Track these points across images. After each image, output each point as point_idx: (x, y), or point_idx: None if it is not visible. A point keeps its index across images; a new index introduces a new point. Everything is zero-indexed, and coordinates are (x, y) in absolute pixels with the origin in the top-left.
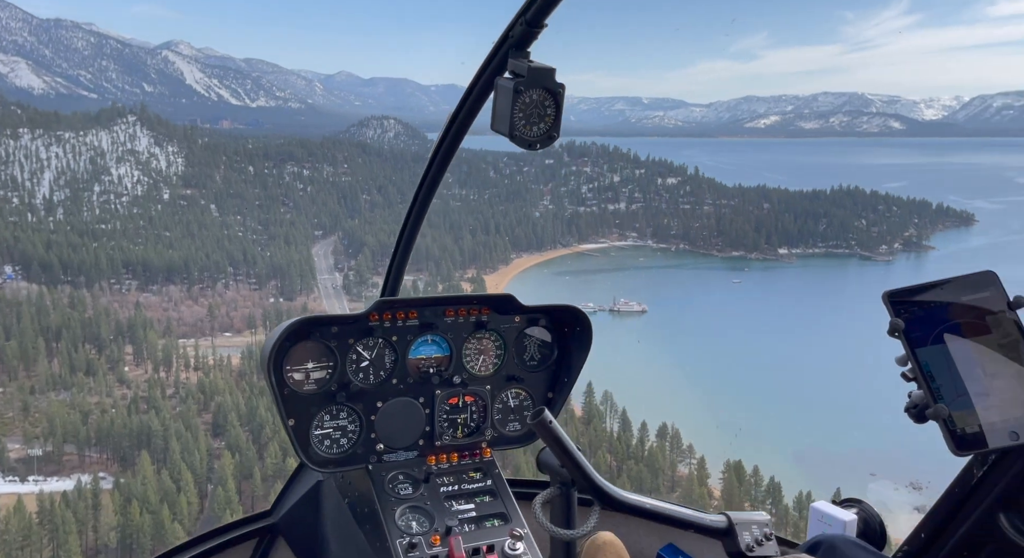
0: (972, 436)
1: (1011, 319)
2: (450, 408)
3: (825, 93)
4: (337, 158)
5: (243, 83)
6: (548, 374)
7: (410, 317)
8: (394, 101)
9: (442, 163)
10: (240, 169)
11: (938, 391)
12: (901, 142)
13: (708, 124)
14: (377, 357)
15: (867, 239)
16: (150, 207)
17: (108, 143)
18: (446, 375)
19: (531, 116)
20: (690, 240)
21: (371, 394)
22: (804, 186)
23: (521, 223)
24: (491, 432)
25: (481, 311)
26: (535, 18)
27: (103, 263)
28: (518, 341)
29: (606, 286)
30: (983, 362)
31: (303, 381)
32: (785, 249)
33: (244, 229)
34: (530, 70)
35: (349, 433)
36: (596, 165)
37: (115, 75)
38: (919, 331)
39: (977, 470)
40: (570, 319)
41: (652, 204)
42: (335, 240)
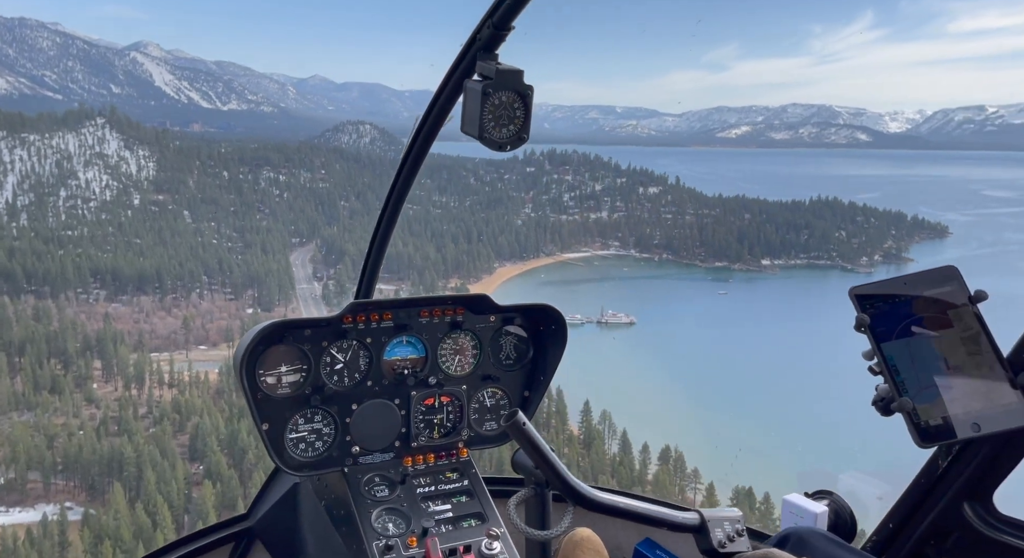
0: (936, 428)
1: (972, 312)
2: (426, 409)
3: (794, 104)
4: (314, 163)
5: (214, 86)
6: (524, 373)
7: (384, 318)
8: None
9: (413, 166)
10: (214, 174)
11: (903, 384)
12: (868, 154)
13: (680, 133)
14: (351, 359)
15: (848, 251)
16: (119, 213)
17: (75, 146)
18: (421, 376)
19: (500, 118)
20: (673, 250)
21: (346, 396)
22: (780, 196)
23: (504, 231)
24: (467, 432)
25: (456, 311)
26: (502, 21)
27: (70, 272)
28: (494, 340)
29: (592, 296)
30: (946, 355)
31: (276, 385)
32: (768, 260)
33: (219, 236)
34: (498, 72)
35: (324, 436)
36: (578, 173)
37: (81, 76)
38: (884, 326)
39: (942, 461)
40: (545, 318)
41: (634, 213)
42: (313, 248)
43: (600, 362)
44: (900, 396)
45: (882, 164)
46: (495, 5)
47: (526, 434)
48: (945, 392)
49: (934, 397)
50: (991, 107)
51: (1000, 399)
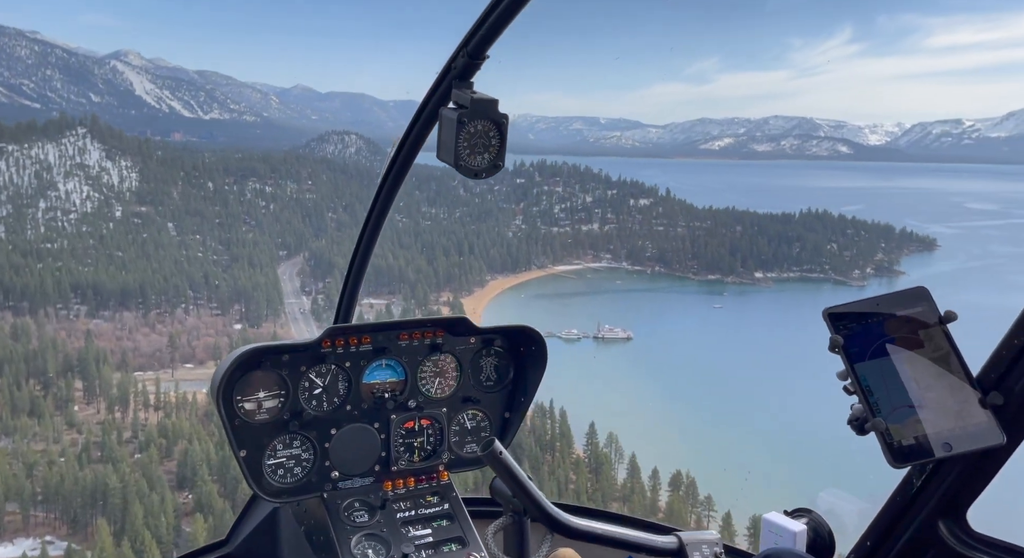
0: (908, 448)
1: (942, 332)
2: (406, 432)
3: (776, 117)
4: (301, 174)
5: (196, 95)
6: (504, 394)
7: (363, 342)
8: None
9: (390, 191)
10: (199, 185)
11: (876, 405)
12: (850, 166)
13: (664, 145)
14: (330, 384)
15: (840, 264)
16: (101, 225)
17: (56, 156)
18: (401, 399)
19: (476, 146)
20: (666, 262)
21: (325, 421)
22: (766, 208)
23: (496, 244)
24: (448, 455)
25: (436, 334)
26: (476, 50)
27: (49, 286)
28: (474, 362)
29: (586, 310)
30: (917, 375)
31: (255, 411)
32: (760, 273)
33: (204, 249)
34: (473, 101)
35: (303, 461)
36: (568, 185)
37: (60, 85)
38: (857, 346)
39: (916, 480)
40: (525, 339)
41: (625, 225)
42: (301, 261)
43: (600, 379)
44: (874, 416)
45: (864, 176)
46: (469, 34)
47: (503, 463)
48: (917, 412)
49: (907, 417)
50: (968, 120)
51: (971, 418)
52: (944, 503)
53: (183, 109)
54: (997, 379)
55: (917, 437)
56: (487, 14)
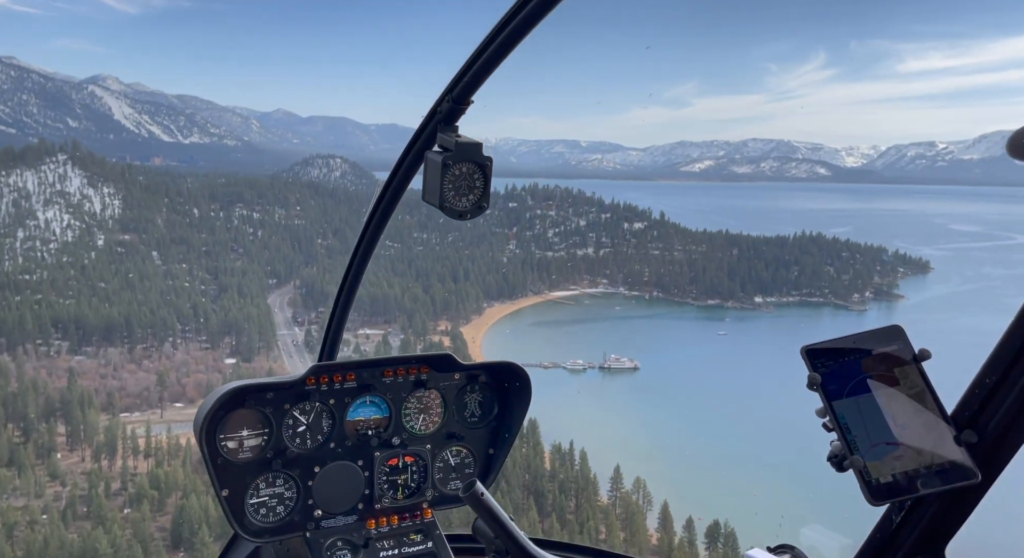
0: (887, 485)
1: (917, 370)
2: (390, 469)
3: (754, 139)
4: (289, 200)
5: (176, 119)
6: (489, 431)
7: (348, 379)
8: (334, 139)
9: (375, 232)
10: (184, 211)
11: (854, 442)
12: (830, 187)
13: (645, 167)
14: (314, 421)
15: (839, 287)
16: (82, 255)
17: (34, 184)
18: (385, 436)
19: (460, 188)
20: (664, 287)
21: (308, 459)
22: (756, 230)
23: (491, 270)
24: (432, 492)
25: (420, 370)
26: (461, 95)
27: (28, 321)
28: (458, 398)
29: (586, 338)
30: (894, 413)
31: (238, 449)
32: (760, 297)
33: (191, 279)
34: (458, 145)
35: (286, 500)
36: (561, 209)
37: (36, 110)
38: (835, 384)
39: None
40: (509, 375)
41: (621, 249)
42: (292, 290)
43: (613, 414)
44: (852, 454)
45: (846, 198)
46: (455, 80)
47: (484, 504)
48: (894, 449)
49: (884, 454)
50: (941, 143)
51: (947, 456)
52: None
53: (163, 134)
54: (971, 417)
55: (895, 474)
56: (472, 60)
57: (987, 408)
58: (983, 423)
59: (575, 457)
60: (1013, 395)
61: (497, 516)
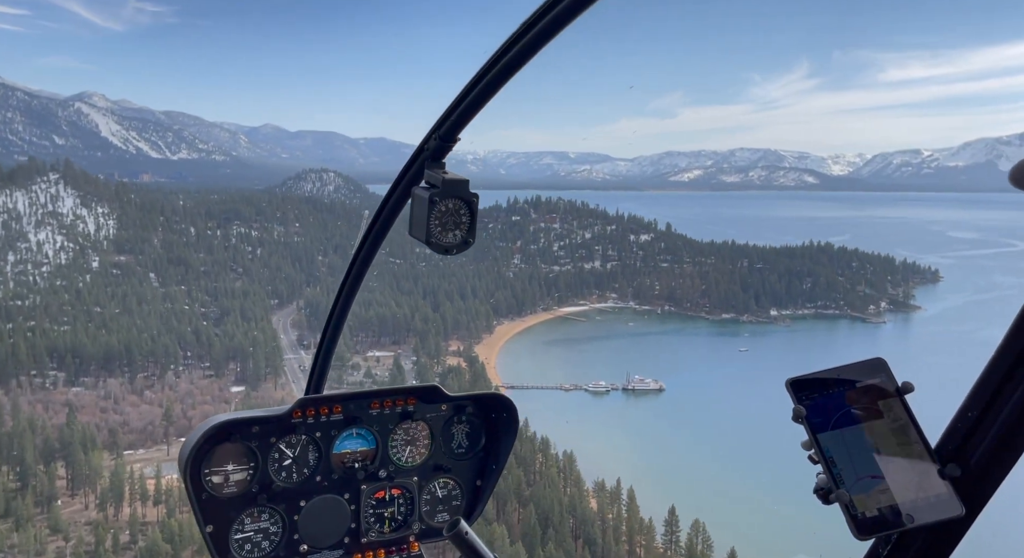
0: (872, 519)
1: (900, 403)
2: (376, 502)
3: (742, 149)
4: (287, 216)
5: (164, 136)
6: (476, 462)
7: (335, 412)
8: (323, 154)
9: (362, 266)
10: (180, 230)
11: (839, 476)
12: (821, 196)
13: (633, 177)
14: (300, 455)
15: (854, 299)
16: (76, 278)
17: (25, 204)
18: (372, 469)
19: (447, 224)
20: (675, 301)
21: (294, 493)
22: (758, 239)
23: (499, 286)
24: (418, 525)
25: (407, 402)
26: (448, 133)
27: (22, 352)
28: (445, 429)
29: (602, 357)
30: (879, 445)
31: (223, 484)
32: (775, 310)
33: (190, 301)
34: (445, 182)
35: (271, 535)
36: (565, 221)
37: (22, 127)
38: (820, 417)
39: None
40: (496, 406)
41: (628, 262)
42: (295, 311)
43: (647, 442)
44: (837, 488)
45: (839, 206)
46: (442, 118)
47: (468, 543)
48: (879, 483)
49: (869, 488)
50: (926, 150)
51: (931, 490)
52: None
53: (151, 150)
54: (954, 450)
55: (880, 508)
56: (460, 99)
57: (970, 441)
58: (967, 456)
59: (621, 494)
60: (995, 428)
61: (481, 554)
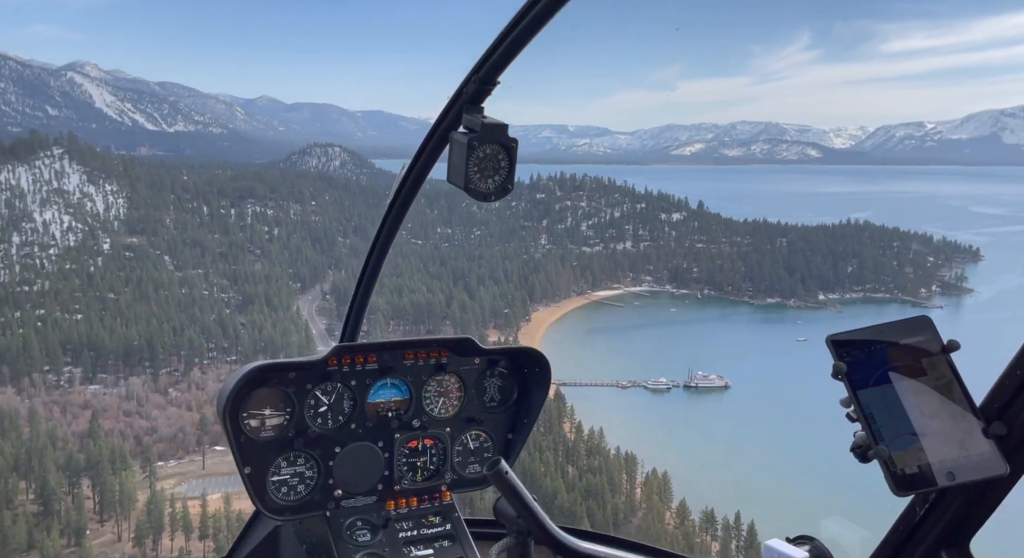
0: (912, 476)
1: (945, 361)
2: (409, 452)
3: (743, 122)
4: (304, 194)
5: (159, 107)
6: (508, 416)
7: (369, 361)
8: (319, 127)
9: (399, 213)
10: (192, 209)
11: (879, 432)
12: (827, 169)
13: (634, 151)
14: (335, 402)
15: (904, 281)
16: (87, 261)
17: (28, 181)
18: (405, 418)
19: (485, 169)
20: (715, 285)
21: (329, 439)
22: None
23: (531, 269)
24: (450, 475)
25: (441, 354)
26: (488, 76)
27: (34, 345)
28: (478, 383)
29: (652, 347)
30: (921, 403)
31: (260, 428)
32: (823, 294)
33: (208, 286)
34: (483, 126)
35: (307, 479)
36: (592, 199)
37: (15, 98)
38: (861, 373)
39: (919, 508)
40: (529, 360)
41: (661, 243)
42: (319, 295)
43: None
44: (876, 444)
45: (848, 181)
46: (482, 60)
47: (508, 483)
48: (921, 440)
49: (910, 445)
50: (929, 123)
51: (974, 448)
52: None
53: (147, 122)
54: (1000, 409)
55: (920, 465)
56: (500, 41)
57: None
58: (1013, 415)
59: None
60: None
61: (520, 495)
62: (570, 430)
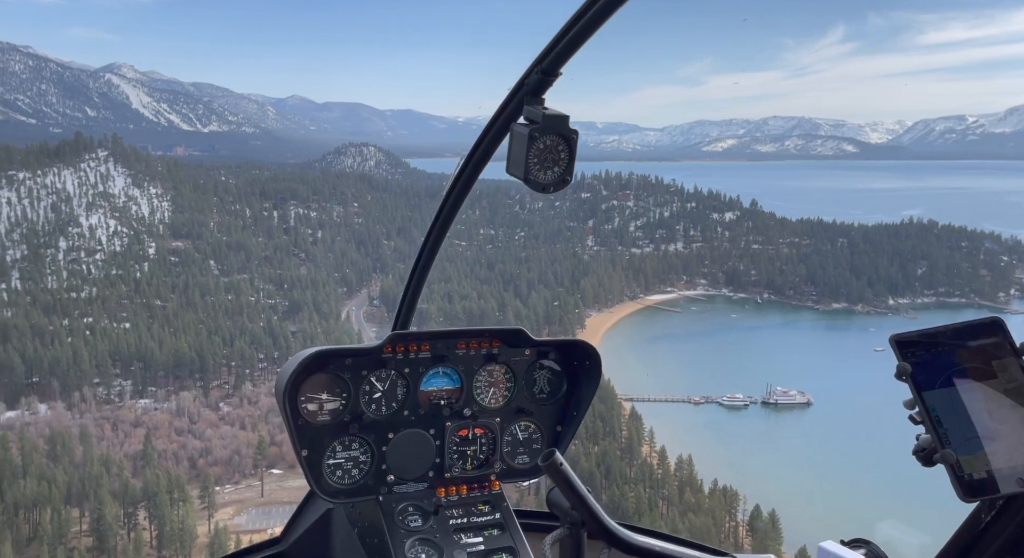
0: (980, 482)
1: (1018, 365)
2: (460, 440)
3: (775, 117)
4: (346, 195)
5: (194, 107)
6: (557, 407)
7: (423, 349)
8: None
9: (457, 200)
10: (234, 212)
11: (945, 435)
12: (865, 165)
13: (664, 148)
14: (389, 389)
15: (980, 285)
16: (132, 267)
17: (74, 184)
18: (456, 407)
19: (545, 161)
20: (775, 288)
21: (383, 425)
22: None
23: (580, 272)
24: (500, 465)
25: (492, 344)
26: (551, 67)
27: (83, 357)
28: (528, 374)
29: (716, 355)
30: (990, 407)
31: (317, 412)
32: (892, 299)
33: (255, 292)
34: (545, 117)
35: (361, 464)
36: (639, 198)
37: (55, 99)
38: (926, 375)
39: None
40: (580, 353)
41: (714, 243)
42: (367, 301)
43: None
44: (943, 448)
45: (890, 176)
46: (545, 51)
47: (563, 474)
48: (988, 445)
49: (977, 449)
50: (971, 116)
51: None
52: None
53: (182, 122)
54: None
55: (988, 471)
56: (564, 32)
57: None
58: None
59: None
60: None
61: (575, 486)
62: (649, 454)
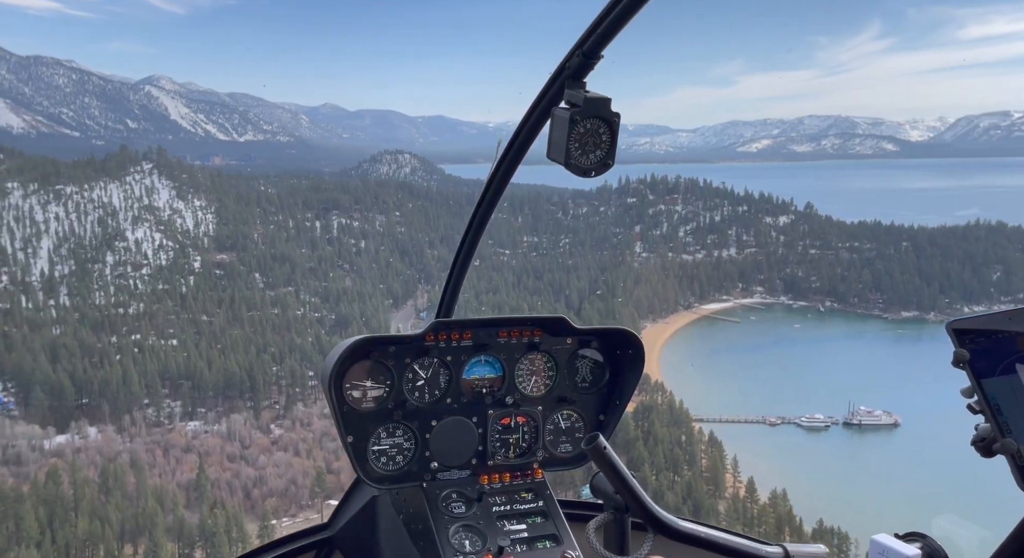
0: None
1: None
2: (502, 428)
3: (810, 116)
4: (388, 205)
5: (230, 117)
6: (599, 396)
7: (465, 338)
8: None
9: (498, 188)
10: (277, 222)
11: (1006, 424)
12: (906, 163)
13: (697, 149)
14: (432, 376)
15: None
16: (178, 281)
17: (120, 198)
18: (499, 395)
19: (586, 144)
20: (838, 296)
21: (426, 413)
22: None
23: (630, 279)
24: (542, 453)
25: (534, 333)
26: (592, 49)
27: (133, 378)
28: (570, 362)
29: (782, 369)
30: None
31: (361, 399)
32: (967, 308)
33: (301, 306)
34: (586, 100)
35: (405, 450)
36: (688, 202)
37: (98, 112)
38: (985, 362)
39: None
40: (622, 341)
41: (769, 249)
42: (413, 313)
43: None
44: (1003, 437)
45: (938, 175)
46: (586, 34)
47: (607, 458)
48: None
49: None
50: (1016, 112)
51: None
52: None
53: (218, 132)
54: None
55: None
56: (606, 13)
57: None
58: None
59: None
60: None
61: (619, 471)
62: (734, 484)
